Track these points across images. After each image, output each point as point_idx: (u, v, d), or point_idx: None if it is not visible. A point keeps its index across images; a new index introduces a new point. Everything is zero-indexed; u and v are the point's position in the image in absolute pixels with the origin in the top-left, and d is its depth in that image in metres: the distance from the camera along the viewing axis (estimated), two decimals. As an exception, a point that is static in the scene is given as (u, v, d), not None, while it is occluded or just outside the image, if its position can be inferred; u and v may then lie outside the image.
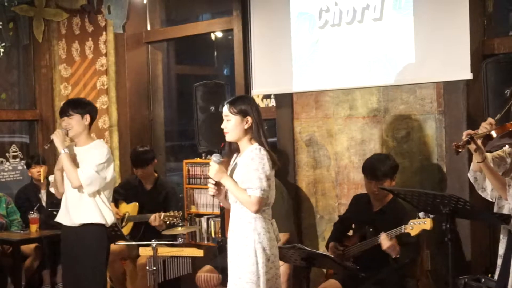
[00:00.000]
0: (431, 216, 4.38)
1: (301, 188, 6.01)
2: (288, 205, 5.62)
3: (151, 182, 6.47)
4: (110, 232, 5.32)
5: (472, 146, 3.65)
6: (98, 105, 7.55)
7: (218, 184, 3.98)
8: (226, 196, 4.06)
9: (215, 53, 8.54)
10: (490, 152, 3.87)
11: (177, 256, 5.64)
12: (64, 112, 4.96)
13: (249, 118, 3.92)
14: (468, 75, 4.90)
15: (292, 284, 5.52)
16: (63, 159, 4.85)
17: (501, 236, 3.96)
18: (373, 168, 4.87)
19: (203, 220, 6.63)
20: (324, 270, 5.41)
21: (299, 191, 6.01)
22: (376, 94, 5.54)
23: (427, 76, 5.17)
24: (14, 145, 8.15)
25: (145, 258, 5.66)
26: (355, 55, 5.52)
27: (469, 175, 4.03)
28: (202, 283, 5.56)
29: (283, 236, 5.39)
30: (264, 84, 6.12)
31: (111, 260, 5.68)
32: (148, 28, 7.55)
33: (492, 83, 4.43)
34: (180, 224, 5.88)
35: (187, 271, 5.74)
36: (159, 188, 6.44)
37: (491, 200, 4.00)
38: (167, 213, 6.01)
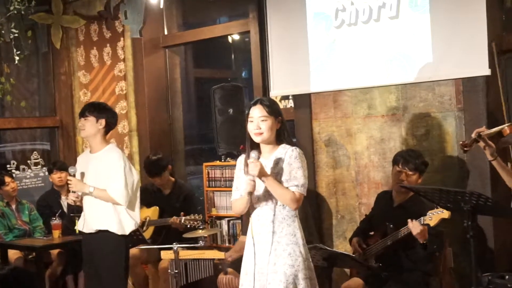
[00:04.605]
0: None
1: (321, 188, 5.99)
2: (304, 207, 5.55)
3: (169, 187, 6.49)
4: (132, 237, 5.34)
5: (481, 144, 3.68)
6: (117, 110, 7.58)
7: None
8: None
9: (233, 55, 8.55)
10: None
11: (198, 259, 5.65)
12: (81, 114, 5.02)
13: (280, 119, 3.92)
14: (487, 71, 4.86)
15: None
16: (96, 196, 4.88)
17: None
18: (407, 158, 4.84)
19: (224, 222, 6.63)
20: (348, 270, 5.39)
21: (319, 192, 5.99)
22: (395, 92, 5.52)
23: (445, 73, 5.13)
24: (35, 152, 8.21)
25: (167, 262, 5.67)
26: (372, 54, 5.50)
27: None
28: (224, 286, 5.56)
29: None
30: (282, 85, 6.11)
31: (132, 264, 5.70)
32: (165, 32, 7.58)
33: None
34: (201, 227, 5.89)
35: (208, 274, 5.74)
36: (177, 192, 6.46)
37: None
38: (188, 217, 6.03)
